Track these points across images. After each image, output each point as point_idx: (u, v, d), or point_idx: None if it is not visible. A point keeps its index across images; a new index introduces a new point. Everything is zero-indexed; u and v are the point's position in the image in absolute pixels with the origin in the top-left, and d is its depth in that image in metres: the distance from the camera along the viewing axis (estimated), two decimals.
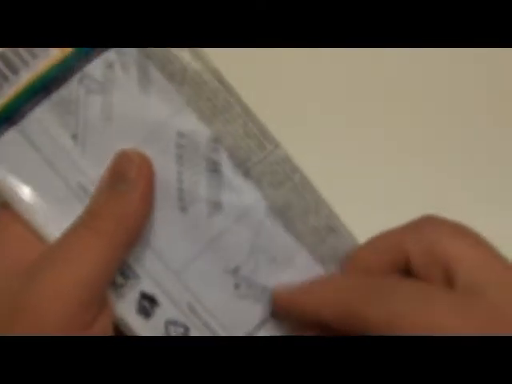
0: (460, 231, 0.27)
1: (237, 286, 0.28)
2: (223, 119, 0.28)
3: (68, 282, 0.24)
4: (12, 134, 0.27)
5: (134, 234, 0.26)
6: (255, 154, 0.28)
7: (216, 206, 0.28)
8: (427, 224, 0.27)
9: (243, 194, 0.28)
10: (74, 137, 0.27)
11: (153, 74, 0.27)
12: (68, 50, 0.27)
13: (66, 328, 0.24)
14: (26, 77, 0.26)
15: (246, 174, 0.28)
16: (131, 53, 0.27)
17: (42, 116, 0.27)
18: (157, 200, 0.27)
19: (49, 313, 0.24)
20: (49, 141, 0.27)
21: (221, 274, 0.28)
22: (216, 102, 0.28)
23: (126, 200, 0.25)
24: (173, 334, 0.28)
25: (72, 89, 0.27)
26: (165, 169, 0.27)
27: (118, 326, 0.28)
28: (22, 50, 0.26)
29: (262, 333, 0.28)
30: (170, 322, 0.28)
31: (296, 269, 0.28)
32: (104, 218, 0.25)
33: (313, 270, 0.28)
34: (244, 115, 0.28)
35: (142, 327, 0.27)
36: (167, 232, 0.28)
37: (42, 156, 0.27)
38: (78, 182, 0.27)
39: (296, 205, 0.28)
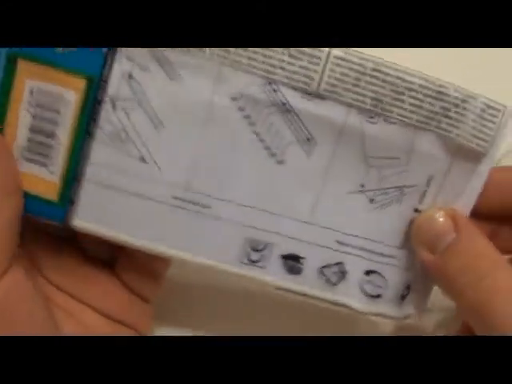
0: None
1: (372, 200, 0.26)
2: (262, 58, 0.25)
3: None
4: (85, 188, 0.26)
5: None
6: (313, 69, 0.25)
7: (309, 142, 0.26)
8: None
9: (328, 115, 0.25)
10: (142, 159, 0.26)
11: (172, 56, 0.24)
12: (81, 87, 0.25)
13: None
14: (65, 135, 0.25)
15: (319, 95, 0.25)
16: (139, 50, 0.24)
17: (101, 157, 0.25)
18: (252, 168, 0.26)
19: None
20: (121, 175, 0.26)
21: (351, 198, 0.26)
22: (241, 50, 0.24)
23: None
24: (330, 276, 0.27)
25: (111, 119, 0.25)
26: (242, 137, 0.25)
27: None
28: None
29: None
30: (322, 268, 0.27)
31: (420, 154, 0.26)
32: None
33: (436, 144, 0.26)
34: None
35: (295, 284, 0.27)
36: (277, 190, 0.26)
37: (124, 192, 0.26)
38: (172, 195, 0.26)
39: (383, 93, 0.25)
